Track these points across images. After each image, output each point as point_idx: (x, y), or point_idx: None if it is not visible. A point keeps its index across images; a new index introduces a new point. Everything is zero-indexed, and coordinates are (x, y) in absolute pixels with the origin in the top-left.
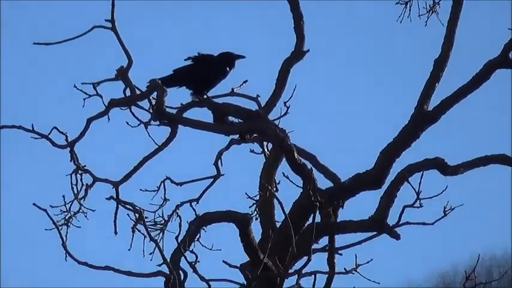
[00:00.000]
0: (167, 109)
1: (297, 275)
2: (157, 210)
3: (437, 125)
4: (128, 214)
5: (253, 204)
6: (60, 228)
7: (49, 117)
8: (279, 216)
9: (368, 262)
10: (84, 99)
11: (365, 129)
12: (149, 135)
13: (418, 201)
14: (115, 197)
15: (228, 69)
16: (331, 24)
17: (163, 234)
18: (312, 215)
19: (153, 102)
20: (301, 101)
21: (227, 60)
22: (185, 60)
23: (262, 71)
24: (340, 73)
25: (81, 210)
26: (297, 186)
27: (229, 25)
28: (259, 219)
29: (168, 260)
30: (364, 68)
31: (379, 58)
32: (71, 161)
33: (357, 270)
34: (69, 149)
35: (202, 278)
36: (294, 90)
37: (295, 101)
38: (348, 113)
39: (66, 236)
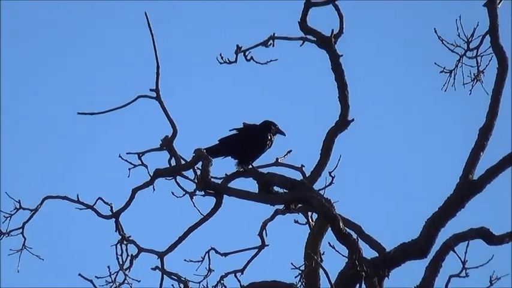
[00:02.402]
0: (212, 179)
1: None
2: (202, 280)
3: (483, 193)
4: (172, 285)
5: (299, 274)
6: None
7: (94, 187)
8: (324, 286)
9: None
10: (129, 169)
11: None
12: (194, 206)
13: (463, 270)
14: (160, 267)
15: (272, 138)
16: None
17: None
18: (358, 285)
19: (198, 172)
20: (346, 171)
21: (269, 129)
22: (230, 130)
23: (307, 140)
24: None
25: (126, 281)
26: (343, 255)
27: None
28: None
29: None
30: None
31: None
32: (115, 231)
33: None
34: (114, 219)
35: None
36: (339, 160)
37: (340, 171)
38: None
39: None
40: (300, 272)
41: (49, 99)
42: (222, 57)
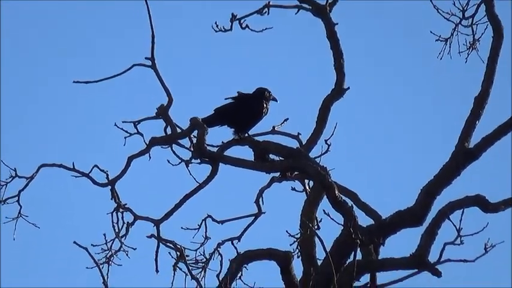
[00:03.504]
0: (208, 147)
1: None
2: (198, 248)
3: (478, 161)
4: (169, 252)
5: (295, 242)
6: (101, 266)
7: (90, 156)
8: (320, 254)
9: None
10: (125, 137)
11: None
12: (190, 174)
13: (459, 238)
14: (156, 235)
15: (268, 105)
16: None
17: (205, 272)
18: (353, 252)
19: (194, 140)
20: (342, 139)
21: (264, 96)
22: (225, 99)
23: (303, 108)
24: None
25: (122, 249)
26: (338, 223)
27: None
28: (300, 257)
29: None
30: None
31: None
32: (111, 199)
33: None
34: (110, 187)
35: None
36: (335, 128)
37: (336, 139)
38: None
39: (107, 274)
40: (296, 239)
41: (45, 68)
42: (217, 26)
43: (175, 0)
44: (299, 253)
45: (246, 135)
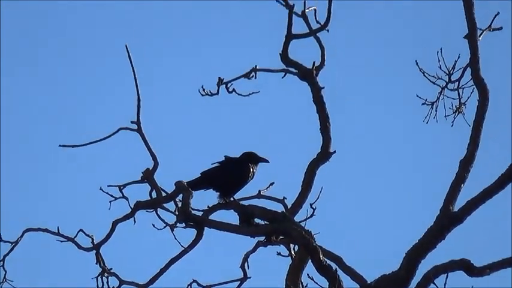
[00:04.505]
0: (193, 211)
1: None
2: None
3: (463, 224)
4: None
5: None
6: None
7: (75, 220)
8: None
9: None
10: (110, 201)
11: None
12: (175, 238)
13: None
14: None
15: (254, 169)
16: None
17: None
18: None
19: (179, 204)
20: (327, 202)
21: (252, 161)
22: (212, 164)
23: (289, 172)
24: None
25: None
26: None
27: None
28: None
29: None
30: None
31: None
32: (96, 263)
33: None
34: (95, 251)
35: None
36: (320, 191)
37: (321, 203)
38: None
39: None
40: None
41: (30, 132)
42: (204, 90)
43: (161, 61)
44: None
45: (232, 199)
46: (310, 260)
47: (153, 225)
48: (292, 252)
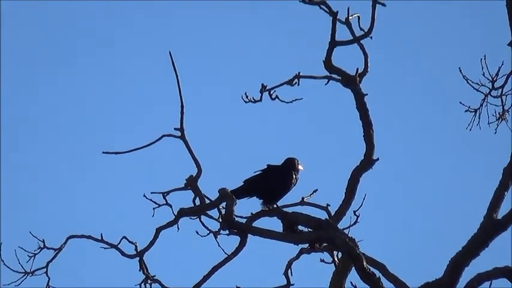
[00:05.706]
0: (237, 218)
1: None
2: None
3: (506, 232)
4: None
5: None
6: None
7: (118, 227)
8: None
9: None
10: (153, 208)
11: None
12: (218, 245)
13: None
14: None
15: (297, 176)
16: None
17: None
18: None
19: (223, 211)
20: (371, 210)
21: (293, 167)
22: (255, 172)
23: (332, 179)
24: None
25: None
26: None
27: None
28: None
29: None
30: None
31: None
32: (140, 270)
33: None
34: (138, 258)
35: None
36: (364, 199)
37: (365, 210)
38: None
39: None
40: None
41: (74, 139)
42: (247, 96)
43: (205, 68)
44: None
45: (275, 206)
46: (353, 267)
47: (197, 232)
48: (336, 259)
